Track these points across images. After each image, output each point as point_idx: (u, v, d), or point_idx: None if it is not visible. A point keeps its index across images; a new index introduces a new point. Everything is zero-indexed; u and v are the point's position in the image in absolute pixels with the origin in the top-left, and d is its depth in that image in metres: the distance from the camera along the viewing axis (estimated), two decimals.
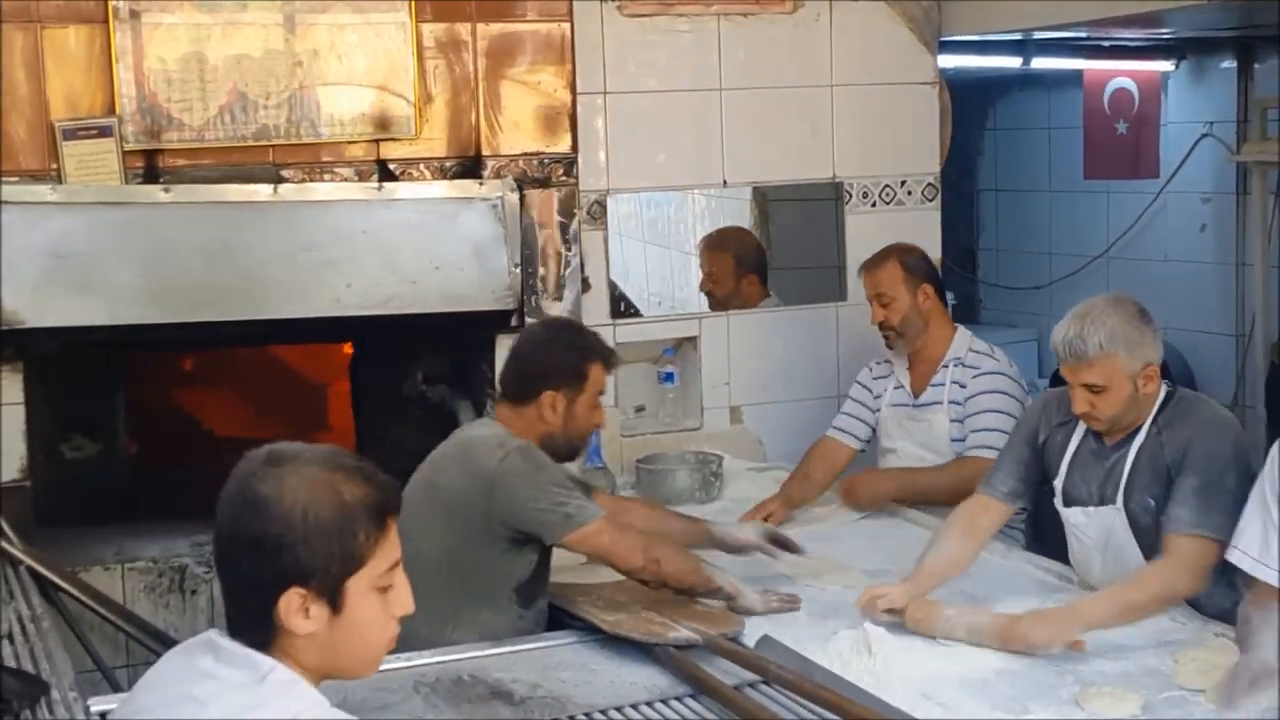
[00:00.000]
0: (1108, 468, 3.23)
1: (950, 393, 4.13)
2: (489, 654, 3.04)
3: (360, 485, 1.85)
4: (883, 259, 4.22)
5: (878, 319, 4.19)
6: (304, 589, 1.81)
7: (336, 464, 1.87)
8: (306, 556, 1.80)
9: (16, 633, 3.31)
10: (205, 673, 1.83)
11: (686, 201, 4.85)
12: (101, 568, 4.01)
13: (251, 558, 1.82)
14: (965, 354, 4.16)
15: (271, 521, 1.81)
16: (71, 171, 3.96)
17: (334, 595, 1.83)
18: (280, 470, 1.84)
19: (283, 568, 1.80)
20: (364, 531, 1.84)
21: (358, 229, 4.19)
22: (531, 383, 3.32)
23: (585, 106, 4.51)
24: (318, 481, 1.83)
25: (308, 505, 1.81)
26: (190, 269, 4.06)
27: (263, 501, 1.82)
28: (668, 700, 2.81)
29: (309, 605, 1.82)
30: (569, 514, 3.13)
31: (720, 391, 4.79)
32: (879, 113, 4.91)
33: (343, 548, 1.82)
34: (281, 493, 1.82)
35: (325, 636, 1.84)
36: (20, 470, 4.04)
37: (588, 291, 4.52)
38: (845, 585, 3.46)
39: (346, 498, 1.83)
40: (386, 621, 1.89)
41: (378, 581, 1.86)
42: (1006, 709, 2.69)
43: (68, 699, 2.88)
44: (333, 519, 1.82)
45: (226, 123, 4.10)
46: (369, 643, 1.89)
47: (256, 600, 1.82)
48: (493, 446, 3.20)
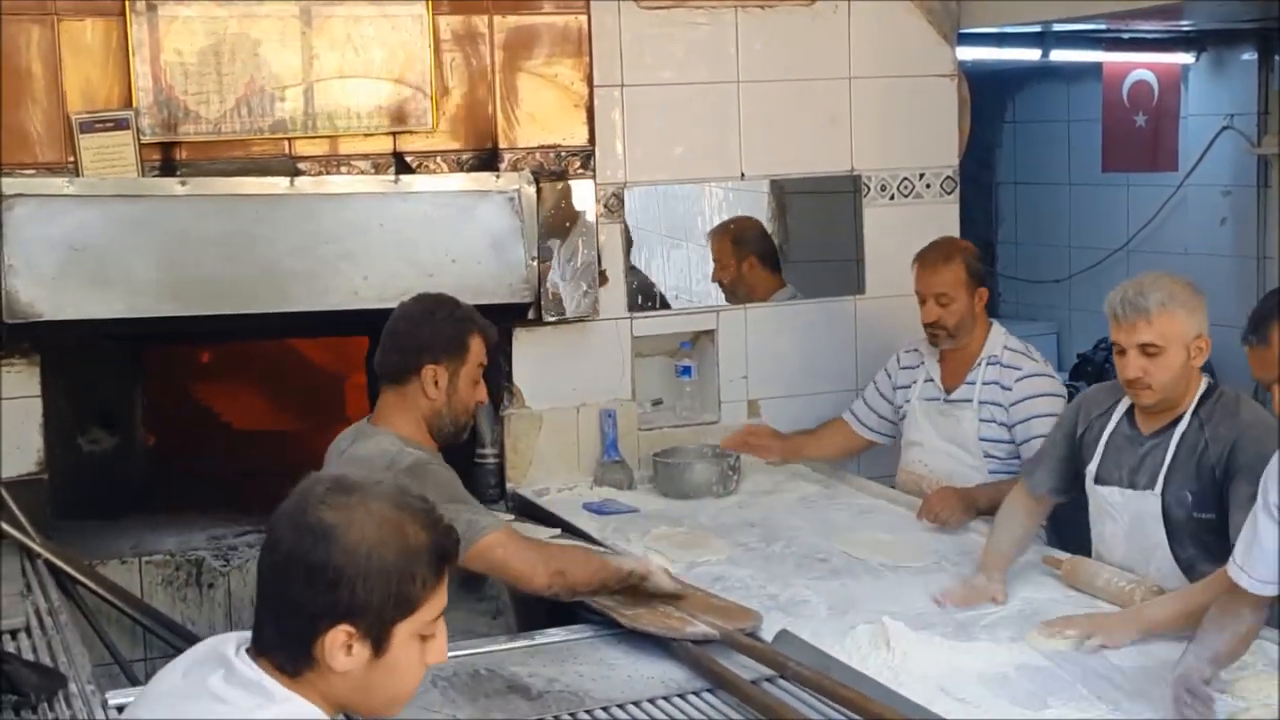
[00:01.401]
0: (1143, 454, 3.22)
1: (985, 392, 4.07)
2: (506, 648, 3.04)
3: (425, 530, 1.83)
4: (949, 258, 4.10)
5: (932, 318, 4.08)
6: (352, 627, 1.78)
7: (404, 504, 1.84)
8: (364, 594, 1.77)
9: (34, 626, 3.32)
10: (213, 694, 1.79)
11: (704, 194, 4.83)
12: (119, 561, 4.02)
13: (306, 584, 1.78)
14: (1001, 352, 4.10)
15: (336, 552, 1.77)
16: (88, 164, 3.96)
17: (380, 638, 1.80)
18: (349, 500, 1.81)
19: (336, 602, 1.77)
20: (422, 578, 1.81)
21: (374, 222, 4.18)
22: (411, 358, 3.24)
23: (602, 99, 4.49)
24: (387, 520, 1.80)
25: (375, 543, 1.78)
26: (207, 262, 4.06)
27: (328, 529, 1.78)
28: (685, 695, 2.80)
29: (353, 643, 1.79)
30: (460, 533, 3.01)
31: (738, 385, 4.77)
32: (897, 105, 4.88)
33: (400, 591, 1.79)
34: (350, 524, 1.78)
35: (360, 676, 1.81)
36: (38, 463, 4.05)
37: (605, 285, 4.51)
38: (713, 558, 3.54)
39: (411, 541, 1.80)
40: (420, 669, 1.87)
41: (423, 629, 1.84)
42: (1026, 704, 2.67)
43: (85, 692, 2.89)
44: (396, 561, 1.79)
45: (243, 115, 4.09)
46: (401, 688, 1.87)
47: (301, 627, 1.79)
48: (380, 471, 3.03)
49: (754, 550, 3.74)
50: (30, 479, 4.01)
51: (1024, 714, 2.64)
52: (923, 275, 4.13)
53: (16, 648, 3.17)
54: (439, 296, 3.38)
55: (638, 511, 4.18)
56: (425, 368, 3.25)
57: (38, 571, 3.73)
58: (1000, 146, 7.38)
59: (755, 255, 4.87)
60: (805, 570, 3.55)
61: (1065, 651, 2.91)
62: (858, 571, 3.54)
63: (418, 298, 3.38)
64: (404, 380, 3.27)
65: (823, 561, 3.62)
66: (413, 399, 3.27)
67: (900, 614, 3.06)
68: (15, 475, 3.96)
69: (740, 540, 3.82)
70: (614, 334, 4.59)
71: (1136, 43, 6.13)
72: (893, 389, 4.32)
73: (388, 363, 3.30)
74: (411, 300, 3.38)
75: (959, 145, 5.00)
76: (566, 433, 4.53)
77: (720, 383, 4.75)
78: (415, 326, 3.29)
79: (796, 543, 3.79)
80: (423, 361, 3.25)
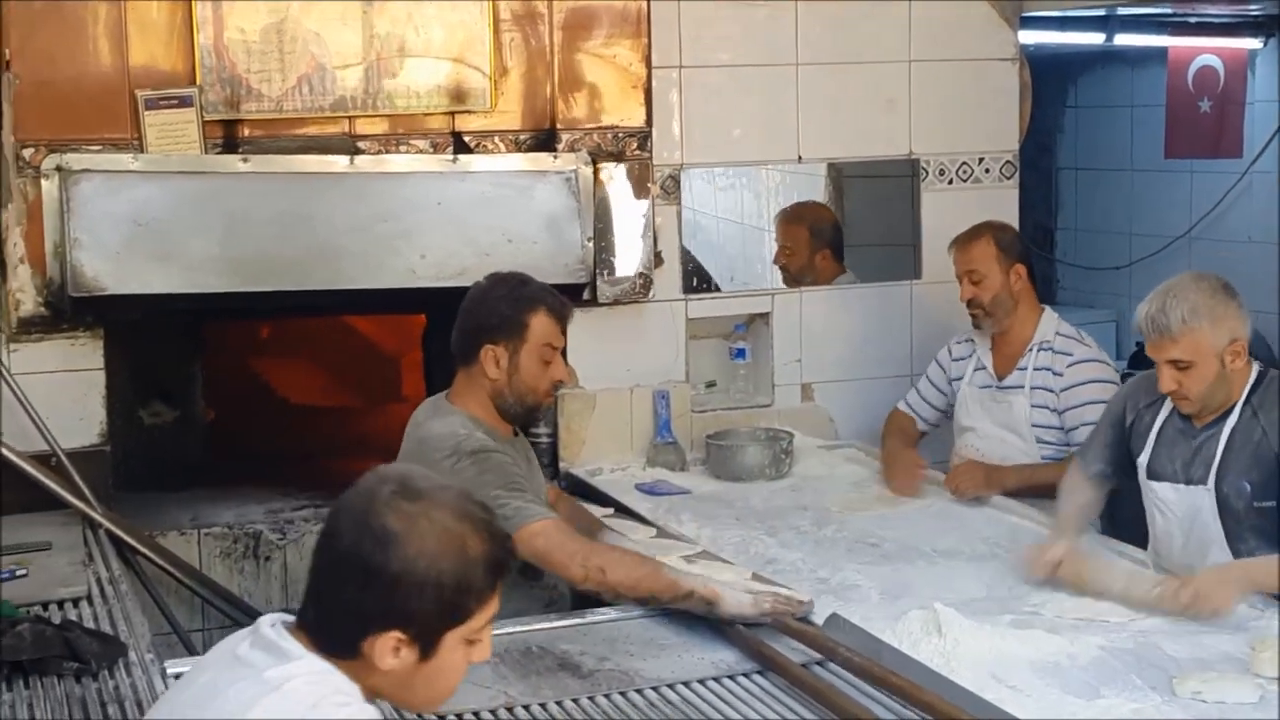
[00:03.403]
0: (1195, 447, 3.20)
1: (1036, 378, 4.07)
2: (557, 626, 3.06)
3: (484, 542, 1.83)
4: (976, 235, 4.17)
5: (967, 296, 4.14)
6: (403, 633, 1.80)
7: (467, 514, 1.84)
8: (418, 604, 1.79)
9: (96, 595, 3.37)
10: (236, 656, 1.83)
11: (760, 177, 4.82)
12: (178, 532, 4.08)
13: (362, 586, 1.79)
14: (1053, 338, 4.10)
15: (395, 560, 1.78)
16: (153, 141, 4.00)
17: (429, 644, 1.82)
18: (414, 508, 1.81)
19: (390, 609, 1.79)
20: (477, 590, 1.82)
21: (432, 201, 4.21)
22: (471, 339, 3.25)
23: (660, 80, 4.49)
24: (448, 532, 1.81)
25: (435, 555, 1.79)
26: (267, 238, 4.09)
27: (391, 536, 1.78)
28: (735, 676, 2.81)
29: (402, 648, 1.81)
30: (506, 517, 2.97)
31: (792, 369, 4.77)
32: (957, 89, 4.85)
33: (454, 602, 1.81)
34: (411, 533, 1.79)
35: (404, 676, 1.83)
36: (100, 435, 4.10)
37: (660, 266, 4.52)
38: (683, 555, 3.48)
39: (470, 554, 1.81)
40: (462, 670, 1.88)
41: (472, 635, 1.85)
42: (1079, 693, 2.66)
43: (144, 660, 2.93)
44: (453, 573, 1.80)
45: (304, 94, 4.13)
46: (443, 688, 1.89)
47: (352, 626, 1.81)
48: (445, 452, 3.12)
49: (805, 534, 3.74)
50: (93, 450, 4.07)
51: (1076, 703, 2.62)
52: (955, 255, 4.21)
53: (78, 616, 3.22)
54: (505, 275, 3.37)
55: (689, 493, 4.19)
56: (484, 348, 3.26)
57: (99, 541, 3.79)
58: (1061, 132, 7.32)
59: (830, 248, 4.88)
60: (857, 555, 3.55)
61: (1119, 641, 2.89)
62: (911, 557, 3.53)
63: (488, 276, 3.38)
64: (469, 360, 3.29)
65: (874, 546, 3.62)
66: (478, 379, 3.28)
67: (952, 600, 3.05)
68: (78, 446, 4.02)
69: (792, 524, 3.82)
70: (669, 316, 4.59)
71: (1202, 27, 6.06)
72: (947, 381, 4.31)
73: (455, 345, 3.32)
74: (484, 279, 3.37)
75: (1019, 130, 4.96)
76: (620, 413, 4.54)
77: (774, 366, 4.75)
78: (475, 306, 3.30)
79: (848, 527, 3.79)
80: (481, 342, 3.27)
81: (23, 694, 2.79)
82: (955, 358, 4.31)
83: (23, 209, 3.95)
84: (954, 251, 4.21)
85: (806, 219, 4.85)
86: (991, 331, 4.17)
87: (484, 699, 2.70)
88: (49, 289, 3.98)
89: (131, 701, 2.73)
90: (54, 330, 4.03)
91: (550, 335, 3.30)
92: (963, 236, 4.21)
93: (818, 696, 2.66)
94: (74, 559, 3.60)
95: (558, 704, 2.69)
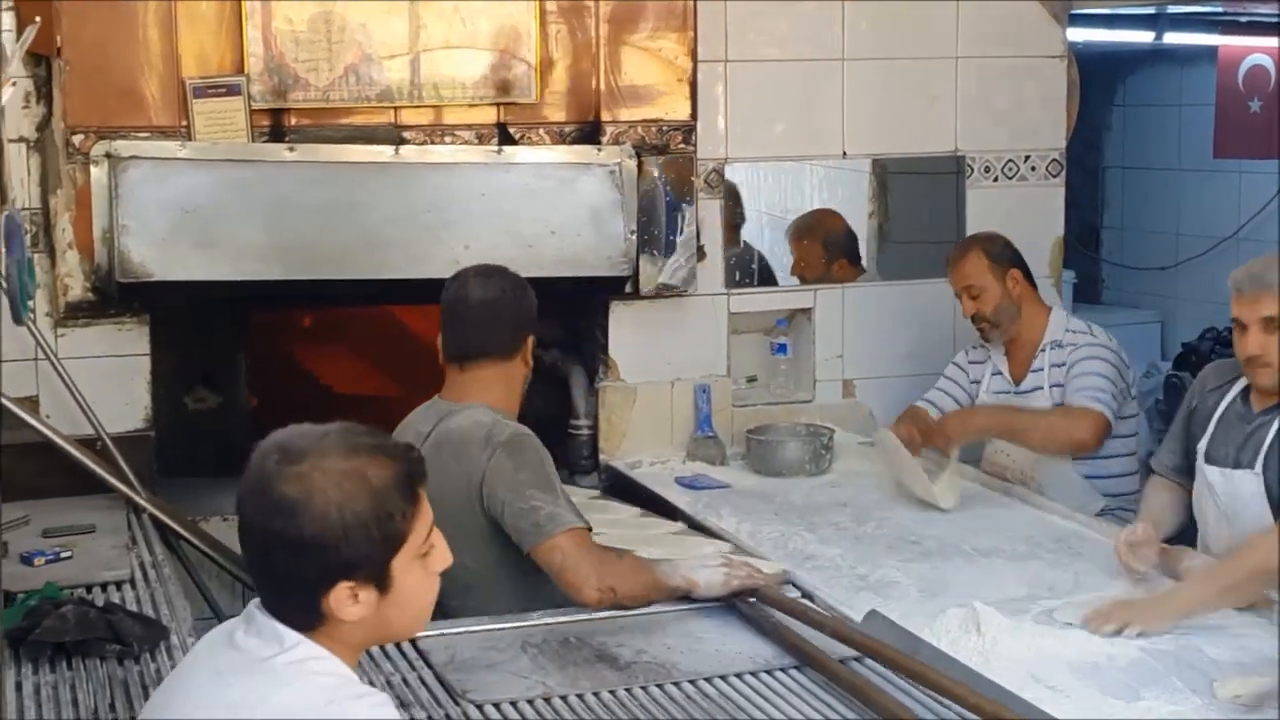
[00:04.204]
0: (1249, 432, 3.18)
1: (1051, 376, 4.10)
2: (595, 617, 3.06)
3: (385, 464, 1.83)
4: (964, 251, 4.22)
5: (969, 312, 4.19)
6: (351, 581, 1.81)
7: (355, 448, 1.83)
8: (350, 552, 1.79)
9: (139, 578, 3.40)
10: (233, 644, 1.84)
11: (804, 172, 4.81)
12: (220, 518, 4.10)
13: (293, 559, 1.80)
14: (1063, 335, 4.13)
15: (307, 524, 1.78)
16: (200, 129, 4.03)
17: (381, 578, 1.83)
18: (301, 468, 1.80)
19: (327, 566, 1.80)
20: (400, 511, 1.82)
21: (476, 192, 4.22)
22: (520, 332, 3.28)
23: (706, 74, 4.49)
24: (343, 473, 1.80)
25: (341, 502, 1.78)
26: (312, 227, 4.12)
27: (292, 504, 1.78)
28: (772, 671, 2.81)
29: (358, 593, 1.82)
30: (538, 523, 3.00)
31: (833, 364, 4.76)
32: (1004, 86, 4.83)
33: (383, 533, 1.81)
34: (310, 493, 1.78)
35: (375, 617, 1.84)
36: (145, 420, 4.14)
37: (702, 260, 4.51)
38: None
39: (376, 483, 1.81)
40: (430, 582, 1.89)
41: (418, 551, 1.86)
42: (1118, 694, 2.65)
43: (186, 644, 2.95)
44: (368, 509, 1.79)
45: (351, 84, 4.14)
46: (417, 608, 1.90)
47: (302, 594, 1.82)
48: (479, 445, 3.10)
49: (845, 530, 3.73)
50: (137, 435, 4.10)
51: (1115, 704, 2.61)
52: (951, 275, 4.25)
53: (121, 598, 3.25)
54: (506, 269, 3.39)
55: (729, 487, 4.19)
56: (527, 339, 3.30)
57: (143, 525, 3.82)
58: (1109, 130, 7.27)
59: (845, 257, 4.87)
60: (896, 551, 3.54)
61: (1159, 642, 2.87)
62: (950, 554, 3.52)
63: (488, 271, 3.36)
64: (511, 355, 3.28)
65: (914, 544, 3.61)
66: (515, 371, 3.30)
67: (992, 599, 3.04)
68: (123, 431, 4.06)
69: (832, 520, 3.82)
70: (710, 310, 4.59)
71: (1253, 26, 6.00)
72: (968, 381, 4.34)
73: (499, 339, 3.27)
74: (483, 274, 3.34)
75: (1066, 128, 4.93)
76: (660, 407, 4.54)
77: (815, 361, 4.74)
78: (518, 300, 3.30)
79: (888, 524, 3.78)
80: (526, 333, 3.30)
81: (65, 675, 2.82)
82: (971, 361, 4.35)
83: (72, 195, 3.98)
84: (948, 271, 4.24)
85: (819, 233, 4.84)
86: (1001, 340, 4.20)
87: (521, 689, 2.71)
88: (96, 275, 4.01)
89: None
90: (101, 316, 4.07)
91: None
92: (952, 255, 4.24)
93: (855, 693, 2.65)
94: (117, 542, 3.63)
95: (595, 695, 2.69)
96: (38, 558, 3.42)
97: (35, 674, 2.81)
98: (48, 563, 3.41)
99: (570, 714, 2.62)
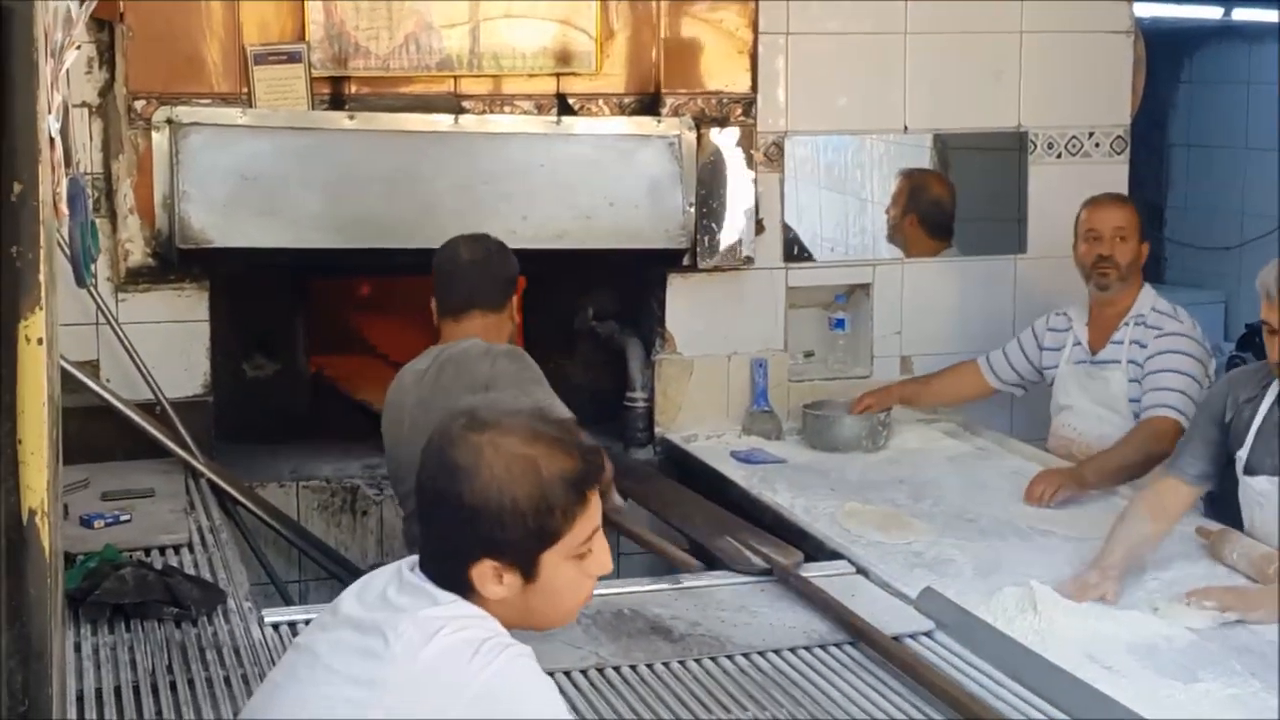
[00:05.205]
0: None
1: (1130, 351, 4.03)
2: (650, 589, 3.07)
3: (561, 459, 1.82)
4: (1125, 200, 4.23)
5: (1107, 251, 4.05)
6: (496, 561, 1.81)
7: (537, 435, 1.83)
8: (501, 534, 1.79)
9: (196, 542, 3.44)
10: (386, 601, 1.84)
11: (865, 146, 4.77)
12: (277, 484, 4.14)
13: (449, 520, 1.82)
14: (1148, 312, 4.06)
15: (468, 494, 1.79)
16: (261, 96, 4.04)
17: (528, 567, 1.82)
18: (479, 439, 1.81)
19: (478, 540, 1.80)
20: (562, 508, 1.81)
21: (535, 162, 4.21)
22: (506, 286, 3.58)
23: (766, 46, 4.45)
24: (518, 458, 1.80)
25: (504, 483, 1.79)
26: (370, 196, 4.12)
27: (460, 471, 1.80)
28: (826, 646, 2.81)
29: (503, 574, 1.81)
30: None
31: (891, 340, 4.72)
32: (1069, 61, 4.76)
33: (539, 525, 1.80)
34: (479, 466, 1.79)
35: (518, 600, 1.84)
36: (203, 386, 4.17)
37: (761, 234, 4.49)
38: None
39: (545, 475, 1.80)
40: (582, 582, 1.88)
41: (575, 551, 1.84)
42: (1175, 676, 2.62)
43: (243, 608, 2.99)
44: (529, 498, 1.79)
45: (411, 52, 4.14)
46: (563, 604, 1.89)
47: (453, 559, 1.83)
48: (479, 356, 3.39)
49: (901, 507, 3.71)
50: (196, 401, 4.14)
51: (1172, 685, 2.59)
52: (1099, 211, 4.14)
53: (179, 562, 3.29)
54: (490, 235, 3.67)
55: (785, 462, 4.17)
56: (513, 295, 3.62)
57: (200, 490, 3.86)
58: (1175, 107, 7.16)
59: (916, 215, 4.81)
60: (953, 530, 3.52)
61: (1211, 625, 2.84)
62: (1006, 534, 3.50)
63: (474, 237, 3.63)
64: (500, 307, 3.54)
65: (971, 522, 3.58)
66: (504, 323, 3.56)
67: (1048, 579, 3.01)
68: (182, 396, 4.09)
69: (888, 496, 3.80)
70: (768, 284, 4.56)
71: None
72: (1038, 349, 4.27)
73: (489, 292, 3.54)
74: (469, 238, 3.61)
75: (1132, 105, 4.86)
76: (717, 380, 4.53)
77: (874, 337, 4.71)
78: (504, 259, 3.58)
79: (945, 501, 3.75)
80: (512, 289, 3.61)
81: (124, 637, 2.85)
82: (1051, 328, 4.26)
83: (133, 160, 4.01)
84: (1095, 209, 4.14)
85: (913, 180, 4.79)
86: (1110, 296, 4.10)
87: (575, 659, 2.72)
88: (157, 240, 4.04)
89: (229, 648, 2.78)
90: (161, 281, 4.10)
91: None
92: (1109, 198, 4.20)
93: (908, 669, 2.64)
94: (176, 506, 3.67)
95: (648, 666, 2.70)
96: (97, 520, 3.46)
97: (94, 635, 2.85)
98: (107, 525, 3.45)
99: (624, 684, 2.63)
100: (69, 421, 1.69)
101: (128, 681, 2.65)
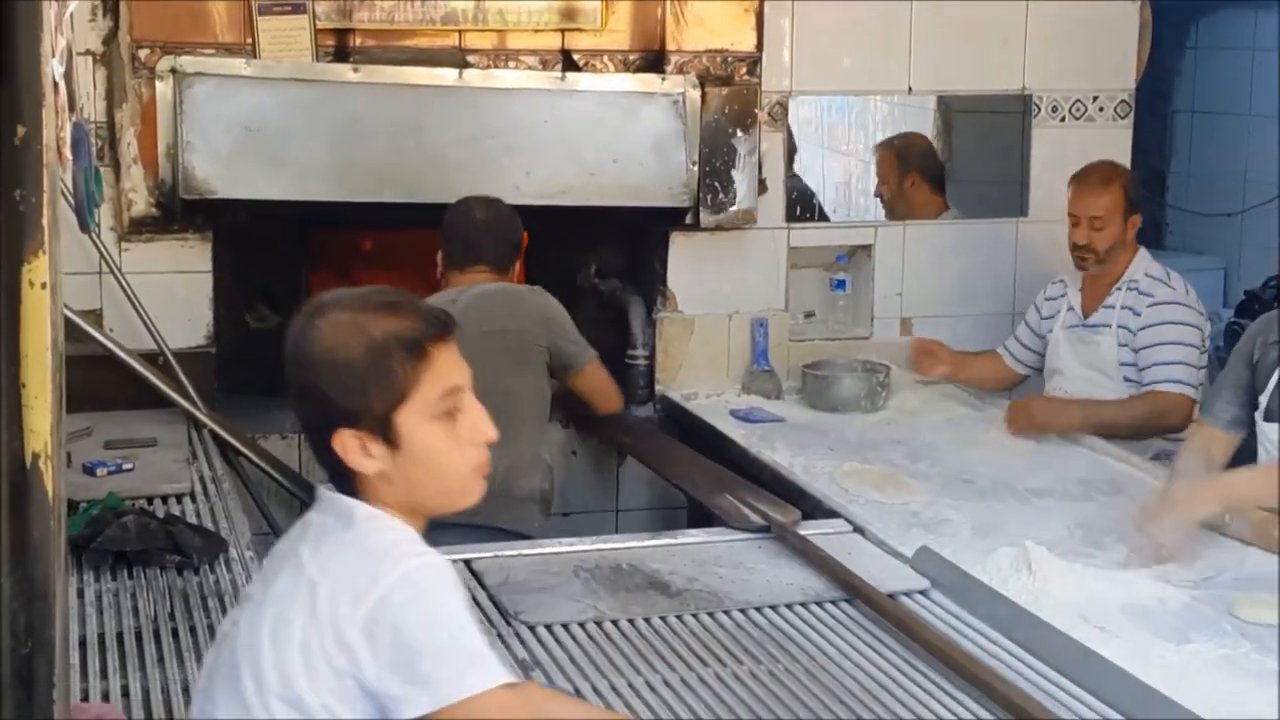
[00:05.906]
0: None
1: (1121, 316, 4.04)
2: (648, 545, 3.09)
3: (393, 319, 1.84)
4: (1107, 182, 4.06)
5: (1081, 240, 4.05)
6: (352, 429, 1.82)
7: (367, 302, 1.87)
8: (341, 398, 1.82)
9: (199, 492, 3.46)
10: (308, 523, 1.89)
11: (869, 107, 4.76)
12: (279, 436, 4.15)
13: (301, 406, 1.88)
14: (1141, 277, 4.06)
15: (307, 370, 1.84)
16: (266, 46, 4.04)
17: (386, 430, 1.82)
18: (316, 320, 1.86)
19: (324, 412, 1.83)
20: (400, 363, 1.82)
21: (539, 118, 4.21)
22: (514, 249, 3.81)
23: (772, 6, 4.43)
24: (344, 324, 1.84)
25: (334, 348, 1.82)
26: (374, 149, 4.12)
27: (299, 352, 1.85)
28: (822, 603, 2.83)
29: (365, 444, 1.83)
30: (585, 347, 3.83)
31: (892, 302, 4.73)
32: (1074, 25, 4.74)
33: (378, 383, 1.81)
34: (313, 340, 1.84)
35: (395, 472, 1.84)
36: (206, 336, 4.18)
37: (764, 193, 4.49)
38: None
39: (375, 334, 1.82)
40: (461, 449, 1.86)
41: (433, 409, 1.84)
42: (1168, 637, 2.65)
43: (244, 557, 3.01)
44: (361, 357, 1.81)
45: (416, 6, 4.13)
46: (446, 471, 1.87)
47: (319, 445, 1.87)
48: (523, 291, 3.75)
49: (898, 468, 3.73)
50: (199, 351, 4.15)
51: (1165, 646, 2.61)
52: (1079, 197, 4.09)
53: (181, 511, 3.31)
54: (501, 199, 3.87)
55: (784, 421, 4.19)
56: (518, 259, 3.84)
57: (203, 441, 3.88)
58: (1179, 73, 7.13)
59: (919, 172, 4.80)
60: (950, 490, 3.54)
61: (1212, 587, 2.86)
62: (1003, 494, 3.51)
63: (483, 199, 3.82)
64: (506, 270, 3.78)
65: (968, 483, 3.60)
66: (512, 279, 3.81)
67: (1044, 539, 3.03)
68: (185, 347, 4.10)
69: (886, 456, 3.82)
70: (770, 244, 4.57)
71: None
72: (1040, 319, 4.29)
73: (498, 252, 3.76)
74: (479, 200, 3.81)
75: (1136, 69, 4.85)
76: (718, 339, 4.55)
77: (874, 298, 4.72)
78: (513, 223, 3.80)
79: (942, 462, 3.77)
80: (518, 253, 3.83)
81: (126, 584, 2.87)
82: (1048, 297, 4.28)
83: (137, 110, 4.01)
84: (1077, 192, 4.09)
85: (895, 145, 4.79)
86: (1092, 273, 4.11)
87: (573, 612, 2.74)
88: (160, 190, 4.04)
89: (231, 596, 2.80)
90: (164, 231, 4.10)
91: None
92: (1091, 180, 4.09)
93: (902, 626, 2.67)
94: (178, 456, 3.69)
95: (646, 620, 2.72)
96: (100, 468, 3.48)
97: (96, 581, 2.88)
98: (110, 474, 3.48)
99: (621, 638, 2.65)
100: (72, 370, 1.69)
101: (130, 628, 2.68)
